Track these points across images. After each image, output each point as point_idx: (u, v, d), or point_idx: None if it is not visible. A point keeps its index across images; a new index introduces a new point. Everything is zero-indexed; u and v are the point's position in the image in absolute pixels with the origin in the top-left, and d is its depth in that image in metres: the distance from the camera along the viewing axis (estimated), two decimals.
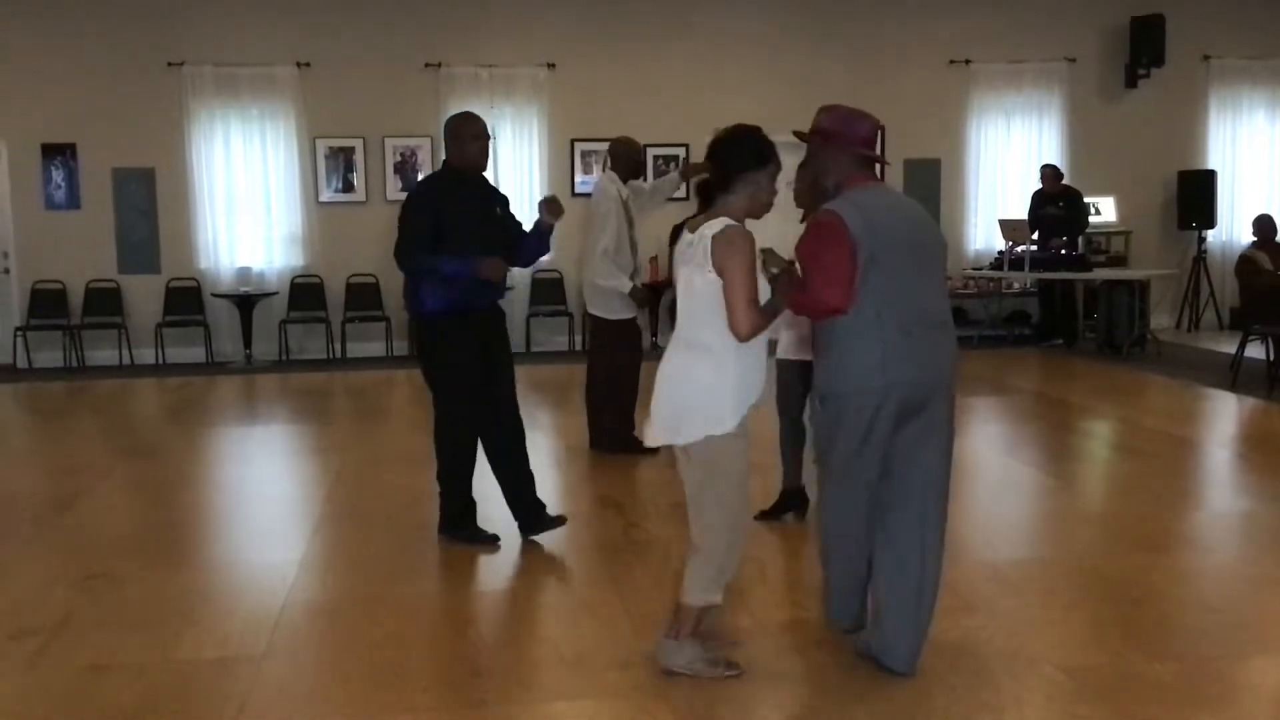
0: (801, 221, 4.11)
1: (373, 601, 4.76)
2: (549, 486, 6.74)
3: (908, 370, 3.74)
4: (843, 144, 3.88)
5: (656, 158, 12.57)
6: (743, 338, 3.67)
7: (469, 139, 5.43)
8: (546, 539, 5.58)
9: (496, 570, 5.28)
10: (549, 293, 13.03)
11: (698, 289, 3.73)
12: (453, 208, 5.36)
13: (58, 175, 12.40)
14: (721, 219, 3.74)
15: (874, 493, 3.82)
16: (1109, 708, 3.62)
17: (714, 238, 3.68)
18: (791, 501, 5.82)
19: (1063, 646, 4.15)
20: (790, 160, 3.94)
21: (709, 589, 3.82)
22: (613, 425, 7.36)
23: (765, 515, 5.78)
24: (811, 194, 3.98)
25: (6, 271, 12.53)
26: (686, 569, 3.86)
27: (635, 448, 7.01)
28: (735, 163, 3.78)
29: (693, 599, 3.83)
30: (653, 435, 3.84)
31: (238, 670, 4.06)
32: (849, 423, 3.73)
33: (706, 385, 3.72)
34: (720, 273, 3.66)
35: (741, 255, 3.66)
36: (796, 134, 4.00)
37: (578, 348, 12.35)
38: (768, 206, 3.85)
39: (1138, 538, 5.52)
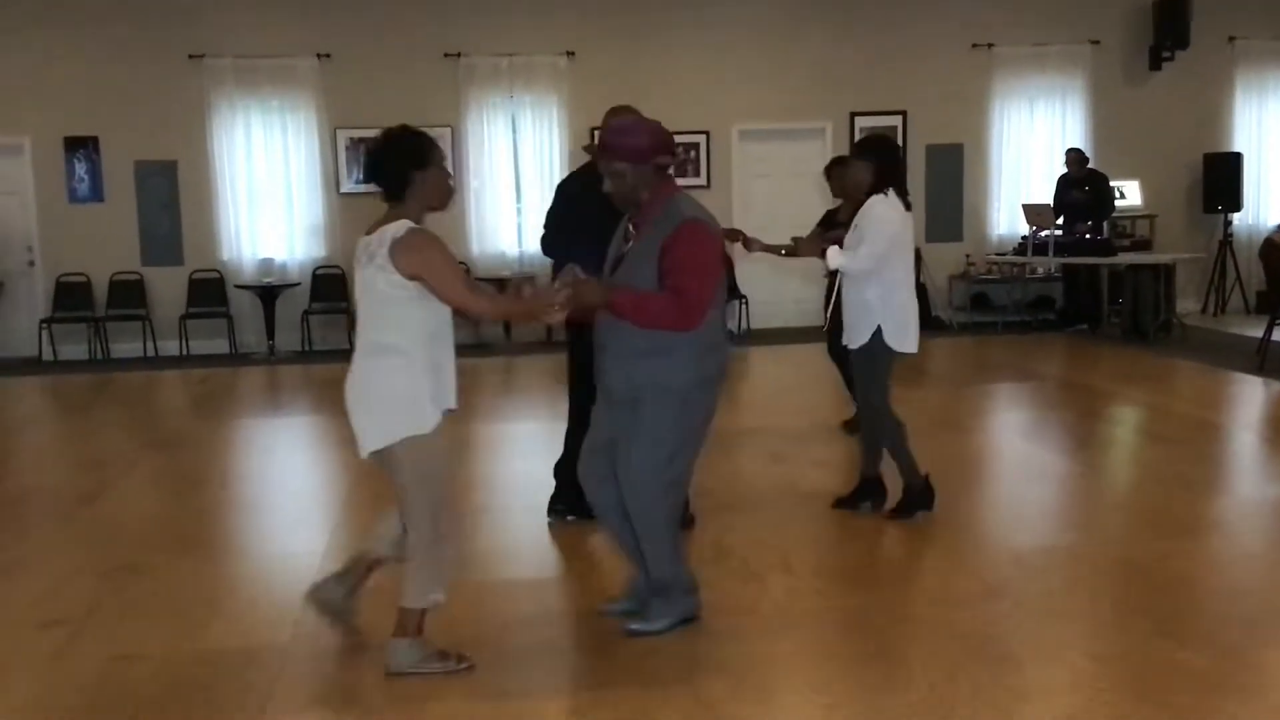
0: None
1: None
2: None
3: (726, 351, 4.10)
4: (632, 157, 3.94)
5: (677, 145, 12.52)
6: (489, 318, 3.78)
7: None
8: (563, 530, 5.58)
9: (517, 560, 5.28)
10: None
11: (381, 291, 3.71)
12: (585, 199, 5.12)
13: (81, 169, 12.47)
14: (402, 221, 3.74)
15: None
16: (1136, 695, 3.59)
17: (395, 242, 3.69)
18: (869, 490, 5.75)
19: (1089, 634, 4.13)
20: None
21: (429, 589, 3.86)
22: None
23: (842, 503, 5.76)
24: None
25: (31, 265, 12.61)
26: (405, 573, 3.88)
27: None
28: (399, 167, 3.77)
29: (412, 602, 3.85)
30: (361, 447, 3.81)
31: (262, 660, 4.07)
32: (709, 408, 4.05)
33: (401, 387, 3.71)
34: (419, 277, 3.67)
35: (433, 252, 3.69)
36: (585, 148, 4.17)
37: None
38: (448, 194, 3.88)
39: (1164, 524, 5.48)
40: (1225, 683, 3.68)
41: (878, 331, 5.44)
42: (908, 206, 5.54)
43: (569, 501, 5.54)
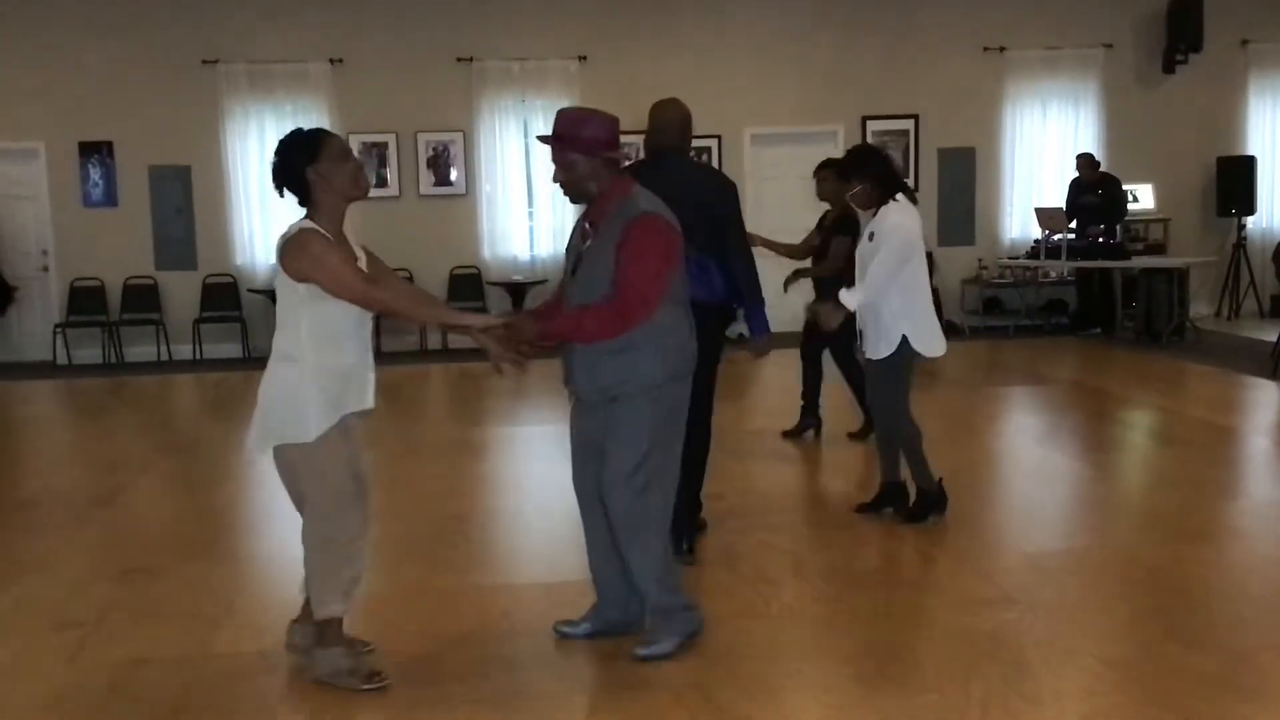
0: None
1: (407, 594, 4.78)
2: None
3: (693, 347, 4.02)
4: (587, 149, 3.85)
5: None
6: (381, 310, 3.79)
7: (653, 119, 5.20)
8: (574, 532, 5.57)
9: (530, 563, 5.29)
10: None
11: (280, 294, 3.73)
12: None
13: (95, 173, 12.53)
14: (296, 222, 3.71)
15: None
16: (1149, 699, 3.58)
17: (285, 243, 3.66)
18: (891, 495, 5.73)
19: (1102, 638, 4.11)
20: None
21: (328, 601, 3.78)
22: None
23: (865, 509, 5.75)
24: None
25: (46, 269, 12.67)
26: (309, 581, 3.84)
27: None
28: (295, 167, 3.69)
29: (319, 613, 3.80)
30: (248, 445, 3.84)
31: (275, 663, 4.08)
32: (681, 402, 3.96)
33: (286, 394, 3.71)
34: (308, 279, 3.62)
35: (320, 249, 3.61)
36: (540, 138, 4.01)
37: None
38: (356, 186, 3.78)
39: (1177, 528, 5.46)
40: (1238, 687, 3.66)
41: (904, 340, 5.39)
42: (915, 201, 5.55)
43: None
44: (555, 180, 3.97)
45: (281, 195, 3.79)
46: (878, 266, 5.33)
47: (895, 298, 5.36)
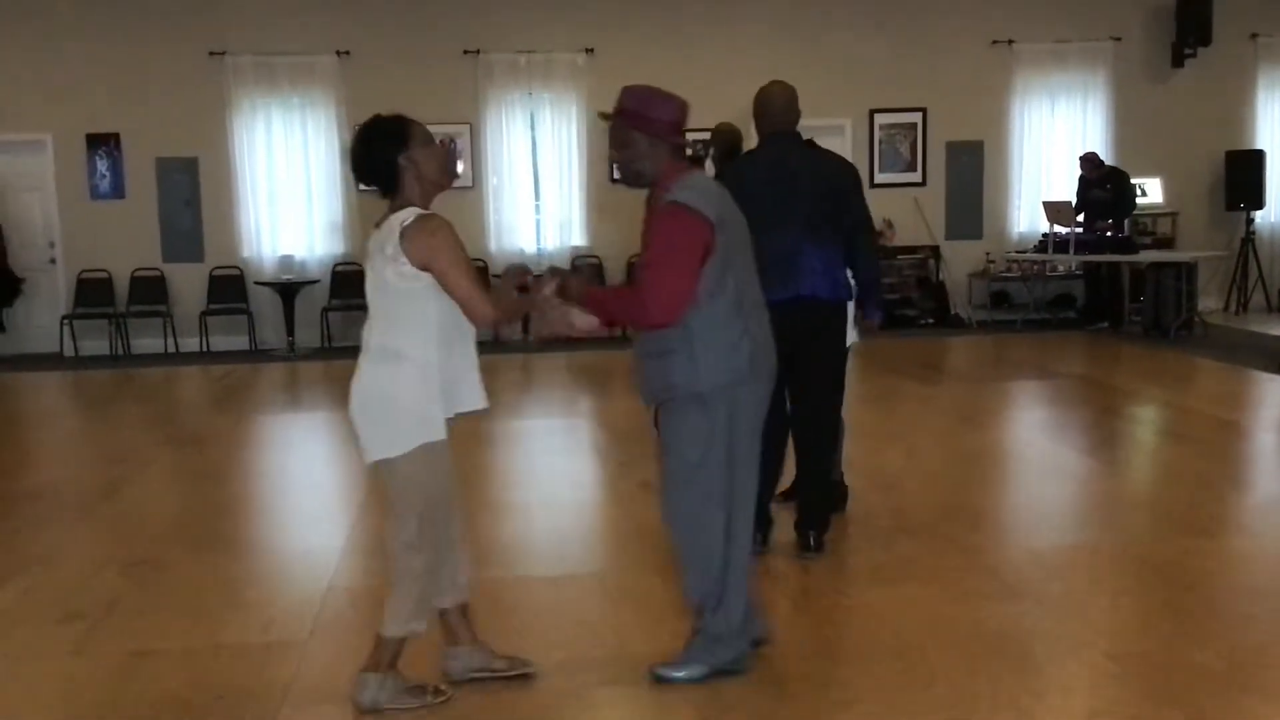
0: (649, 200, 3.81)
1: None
2: (590, 471, 6.76)
3: (770, 359, 3.74)
4: (652, 129, 3.63)
5: (696, 142, 12.49)
6: (487, 324, 3.49)
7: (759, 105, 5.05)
8: (581, 526, 5.57)
9: (537, 556, 5.29)
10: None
11: (392, 286, 3.46)
12: (750, 177, 4.81)
13: (102, 165, 12.54)
14: (410, 209, 3.48)
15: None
16: (1157, 695, 3.57)
17: (405, 228, 3.42)
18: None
19: (1109, 632, 4.10)
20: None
21: (411, 618, 3.58)
22: None
23: (788, 496, 5.80)
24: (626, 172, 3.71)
25: (53, 261, 12.69)
26: (388, 598, 3.60)
27: None
28: (383, 155, 3.50)
29: (391, 630, 3.57)
30: (366, 455, 3.58)
31: (282, 655, 4.08)
32: (747, 412, 3.66)
33: (411, 397, 3.47)
34: (429, 267, 3.42)
35: (443, 239, 3.43)
36: (601, 115, 3.79)
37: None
38: (445, 173, 3.63)
39: (1185, 523, 5.45)
40: (1246, 683, 3.65)
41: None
42: None
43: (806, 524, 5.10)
44: (611, 160, 3.76)
45: (360, 186, 3.68)
46: None
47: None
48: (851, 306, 5.21)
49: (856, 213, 4.99)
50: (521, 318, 3.67)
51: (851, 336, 5.39)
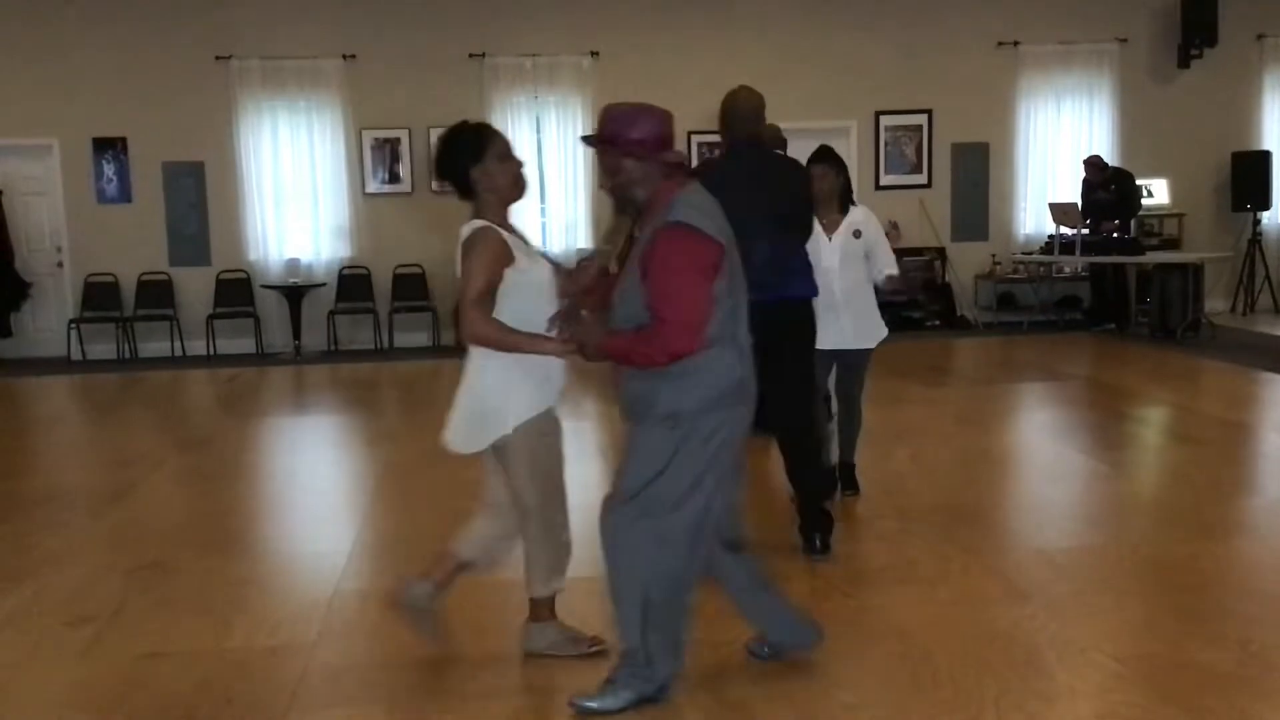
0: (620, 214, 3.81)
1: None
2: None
3: (754, 382, 3.56)
4: (639, 150, 3.41)
5: (701, 145, 12.53)
6: (467, 339, 3.66)
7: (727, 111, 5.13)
8: (588, 528, 5.56)
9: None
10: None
11: None
12: (735, 183, 4.64)
13: (109, 169, 12.57)
14: (474, 221, 3.73)
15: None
16: (1164, 697, 3.57)
17: (462, 241, 3.71)
18: (845, 478, 5.99)
19: (1116, 635, 4.10)
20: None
21: (550, 578, 3.95)
22: None
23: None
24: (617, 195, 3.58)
25: (60, 265, 12.72)
26: (525, 564, 3.96)
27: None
28: (458, 164, 3.74)
29: (537, 591, 3.95)
30: (454, 445, 3.83)
31: (289, 658, 4.09)
32: (723, 437, 3.44)
33: (502, 385, 3.72)
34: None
35: (477, 254, 3.64)
36: (583, 139, 3.69)
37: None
38: (513, 183, 3.79)
39: (1192, 525, 5.44)
40: (1253, 685, 3.64)
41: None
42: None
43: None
44: (602, 187, 3.60)
45: (439, 186, 3.86)
46: (887, 254, 5.81)
47: (872, 290, 5.79)
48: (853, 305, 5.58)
49: (809, 214, 5.23)
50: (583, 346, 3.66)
51: (883, 332, 5.80)
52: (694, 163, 11.49)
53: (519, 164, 3.83)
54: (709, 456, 3.41)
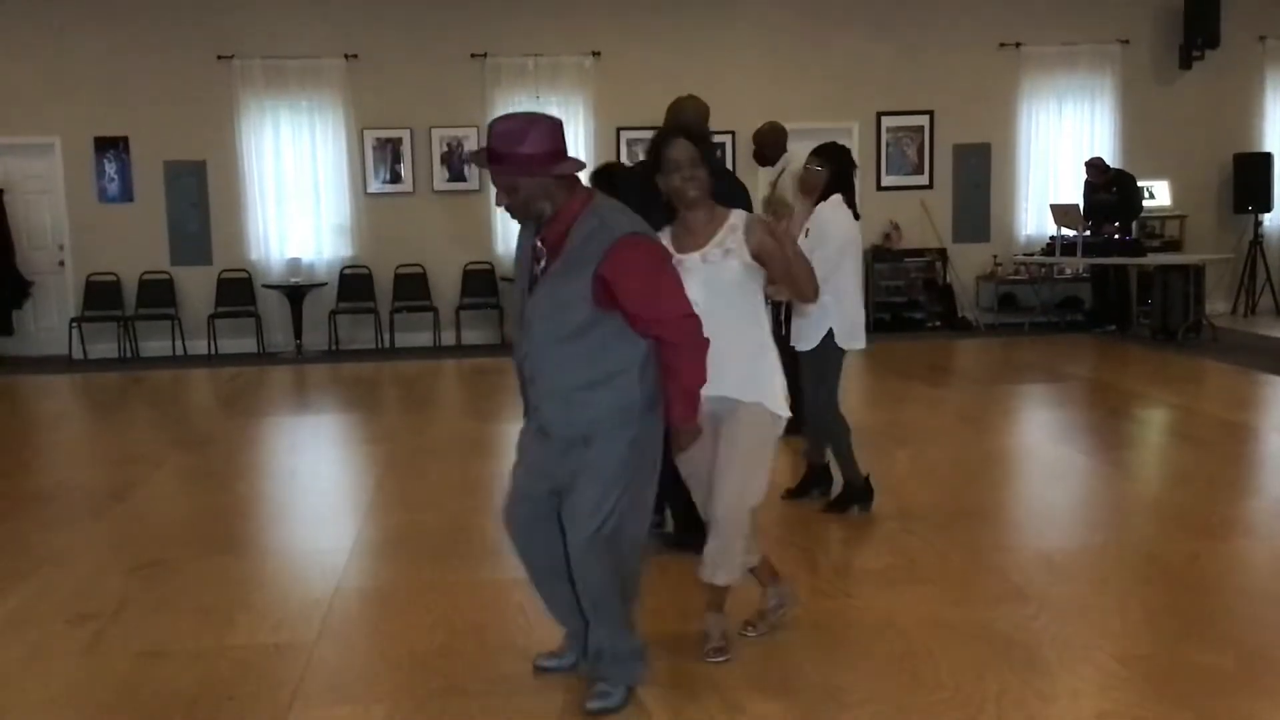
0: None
1: (423, 587, 4.79)
2: None
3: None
4: (530, 166, 3.29)
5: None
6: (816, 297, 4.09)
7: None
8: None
9: None
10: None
11: (741, 282, 3.91)
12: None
13: (111, 168, 12.57)
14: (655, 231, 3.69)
15: None
16: (1165, 698, 3.57)
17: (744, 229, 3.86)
18: (817, 479, 6.00)
19: (1118, 635, 4.10)
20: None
21: (737, 566, 3.96)
22: None
23: (792, 494, 5.96)
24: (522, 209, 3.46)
25: (61, 264, 12.72)
26: (712, 549, 3.85)
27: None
28: (651, 176, 3.90)
29: (733, 578, 3.96)
30: (725, 389, 3.73)
31: (291, 656, 4.09)
32: (657, 438, 3.53)
33: (779, 371, 3.95)
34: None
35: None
36: (468, 157, 3.79)
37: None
38: (673, 194, 3.85)
39: (1194, 525, 5.44)
40: (1253, 685, 3.65)
41: (829, 334, 5.53)
42: (856, 216, 5.65)
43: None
44: (498, 204, 3.42)
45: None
46: (819, 264, 5.42)
47: (825, 294, 5.47)
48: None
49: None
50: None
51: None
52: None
53: (684, 176, 3.84)
54: (653, 452, 3.53)
